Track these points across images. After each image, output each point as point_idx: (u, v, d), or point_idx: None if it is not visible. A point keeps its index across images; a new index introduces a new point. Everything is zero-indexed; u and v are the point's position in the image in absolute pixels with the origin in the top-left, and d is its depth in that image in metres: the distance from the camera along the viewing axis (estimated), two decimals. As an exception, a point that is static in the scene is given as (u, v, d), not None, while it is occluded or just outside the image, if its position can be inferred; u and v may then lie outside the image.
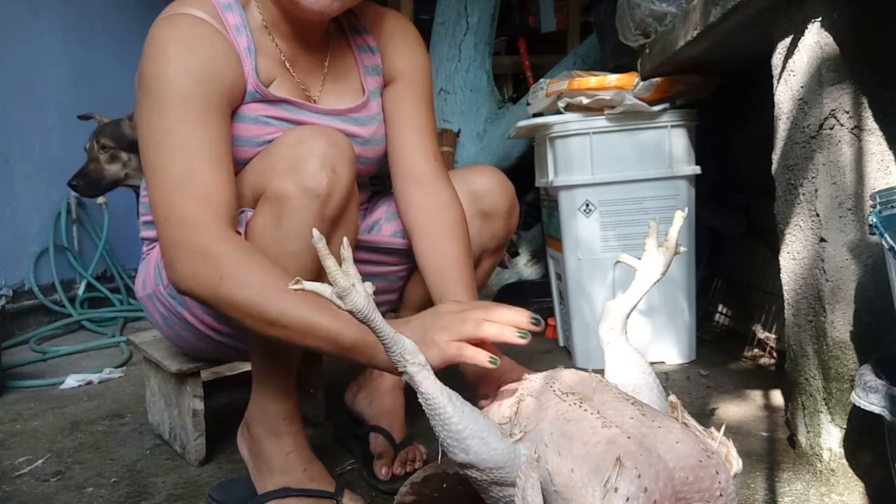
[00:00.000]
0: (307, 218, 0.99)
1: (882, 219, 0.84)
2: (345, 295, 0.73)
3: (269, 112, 1.10)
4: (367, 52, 1.23)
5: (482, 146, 2.83)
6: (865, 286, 1.03)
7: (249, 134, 1.09)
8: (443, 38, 2.85)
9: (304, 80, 1.16)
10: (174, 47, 1.01)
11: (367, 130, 1.20)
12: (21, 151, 2.81)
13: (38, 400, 1.88)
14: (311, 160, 0.98)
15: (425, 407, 0.78)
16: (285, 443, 1.12)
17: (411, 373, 0.78)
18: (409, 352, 0.78)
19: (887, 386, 0.84)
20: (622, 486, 0.70)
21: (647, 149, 1.78)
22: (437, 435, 0.79)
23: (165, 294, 1.20)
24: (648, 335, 1.84)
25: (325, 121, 1.15)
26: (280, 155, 1.01)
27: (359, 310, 0.74)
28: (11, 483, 1.33)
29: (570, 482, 0.73)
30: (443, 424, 0.78)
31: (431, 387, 0.79)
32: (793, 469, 1.17)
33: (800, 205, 1.11)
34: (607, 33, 2.08)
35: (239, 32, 1.08)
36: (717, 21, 1.23)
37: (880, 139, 1.02)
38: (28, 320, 2.77)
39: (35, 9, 2.88)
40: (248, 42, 1.08)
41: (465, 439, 0.77)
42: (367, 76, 1.22)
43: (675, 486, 0.71)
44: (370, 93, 1.21)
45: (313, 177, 0.98)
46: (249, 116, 1.09)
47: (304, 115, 1.13)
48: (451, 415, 0.78)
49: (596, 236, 1.81)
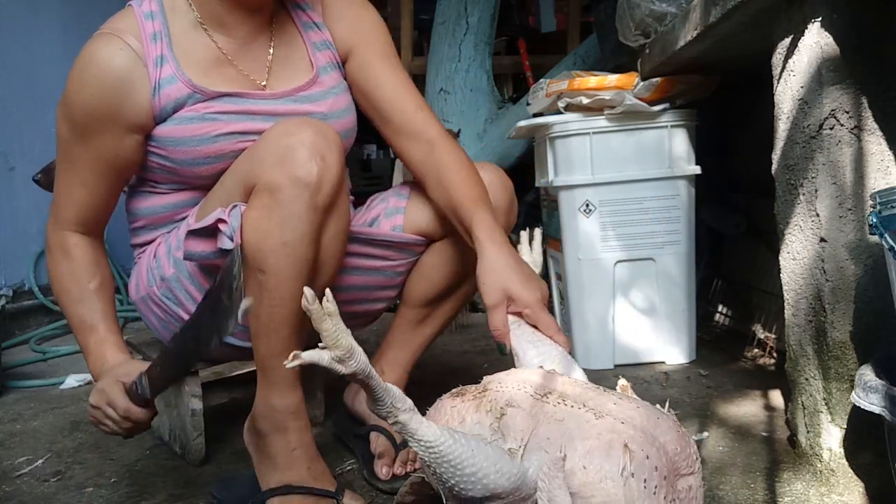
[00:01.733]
0: (300, 207, 1.01)
1: (882, 219, 0.84)
2: (347, 358, 0.71)
3: (213, 108, 1.14)
4: (314, 29, 1.25)
5: (482, 146, 2.83)
6: (865, 286, 1.03)
7: (199, 133, 1.13)
8: (443, 38, 2.85)
9: (249, 69, 1.19)
10: (77, 73, 1.14)
11: (323, 106, 1.21)
12: (21, 151, 2.81)
13: (38, 400, 1.88)
14: (300, 150, 1.01)
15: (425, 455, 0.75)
16: (291, 439, 1.11)
17: (403, 421, 0.75)
18: (399, 399, 0.75)
19: (887, 386, 0.84)
20: (637, 470, 0.74)
21: (647, 149, 1.78)
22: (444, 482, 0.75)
23: (160, 295, 1.21)
24: (648, 335, 1.84)
25: (274, 105, 1.18)
26: (268, 148, 1.03)
27: (362, 370, 0.72)
28: (11, 483, 1.33)
29: (586, 479, 0.75)
30: (454, 469, 0.74)
31: (430, 431, 0.75)
32: (793, 469, 1.17)
33: (800, 205, 1.11)
34: (607, 33, 2.08)
35: (155, 40, 1.14)
36: (717, 21, 1.23)
37: (880, 139, 1.02)
38: (28, 320, 2.77)
39: (35, 9, 2.88)
40: (163, 50, 1.14)
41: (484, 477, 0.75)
42: (316, 52, 1.24)
43: (671, 458, 0.77)
44: (319, 68, 1.23)
45: (303, 167, 1.00)
46: (195, 116, 1.14)
47: (250, 103, 1.16)
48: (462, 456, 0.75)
49: (596, 236, 1.81)
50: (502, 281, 1.05)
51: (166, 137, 1.14)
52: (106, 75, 1.11)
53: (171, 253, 1.19)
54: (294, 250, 1.02)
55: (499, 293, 1.04)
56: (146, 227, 1.26)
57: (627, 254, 1.82)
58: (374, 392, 0.74)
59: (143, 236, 1.28)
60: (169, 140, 1.14)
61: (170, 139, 1.14)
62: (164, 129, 1.14)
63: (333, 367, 0.71)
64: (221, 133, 1.14)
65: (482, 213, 1.12)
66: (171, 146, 1.14)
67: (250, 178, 1.05)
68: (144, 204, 1.25)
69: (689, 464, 0.80)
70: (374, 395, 0.75)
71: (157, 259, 1.22)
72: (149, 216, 1.25)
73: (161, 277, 1.19)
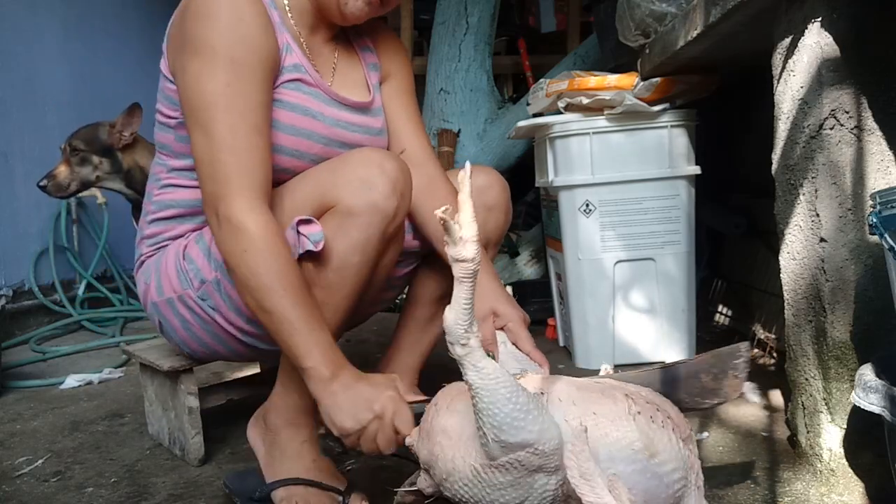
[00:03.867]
0: (374, 235, 1.08)
1: (882, 219, 0.84)
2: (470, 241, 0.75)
3: (313, 104, 1.18)
4: (369, 51, 1.33)
5: (482, 146, 2.83)
6: (865, 286, 1.03)
7: (298, 124, 1.16)
8: (443, 38, 2.85)
9: (319, 68, 1.23)
10: (223, 12, 1.06)
11: (379, 122, 1.30)
12: (21, 151, 2.81)
13: (38, 400, 1.88)
14: (385, 182, 1.07)
15: (482, 384, 0.77)
16: (302, 433, 1.15)
17: (473, 346, 0.78)
18: (476, 325, 0.79)
19: (887, 386, 0.84)
20: (643, 410, 0.83)
21: (647, 149, 1.78)
22: (492, 416, 0.77)
23: (196, 298, 1.18)
24: (648, 335, 1.84)
25: (350, 114, 1.23)
26: (355, 171, 1.08)
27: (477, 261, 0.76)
28: (11, 483, 1.33)
29: (598, 422, 0.81)
30: (508, 398, 0.77)
31: (492, 363, 0.79)
32: (793, 469, 1.17)
33: (800, 205, 1.11)
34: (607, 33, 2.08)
35: (272, 8, 1.16)
36: (717, 21, 1.23)
37: (880, 139, 1.02)
38: (28, 320, 2.77)
39: (35, 9, 2.88)
40: (278, 18, 1.15)
41: (531, 411, 0.77)
42: (370, 72, 1.32)
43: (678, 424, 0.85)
44: (374, 86, 1.31)
45: (387, 199, 1.07)
46: (298, 105, 1.16)
47: (336, 108, 1.21)
48: (517, 389, 0.78)
49: (596, 236, 1.81)
50: (488, 299, 1.12)
51: None
52: (258, 12, 1.10)
53: (212, 256, 1.15)
54: (358, 271, 1.09)
55: (485, 308, 1.11)
56: (176, 218, 1.23)
57: (627, 254, 1.82)
58: (466, 299, 0.77)
59: (166, 227, 1.24)
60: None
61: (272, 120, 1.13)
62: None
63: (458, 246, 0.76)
64: (316, 132, 1.18)
65: None
66: None
67: (329, 196, 1.08)
68: (183, 195, 1.22)
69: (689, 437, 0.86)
70: (463, 304, 0.77)
71: (191, 261, 1.18)
72: (185, 207, 1.22)
73: (201, 280, 1.16)
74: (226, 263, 1.05)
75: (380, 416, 0.95)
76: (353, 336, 2.18)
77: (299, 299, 0.99)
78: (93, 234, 3.16)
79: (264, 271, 0.99)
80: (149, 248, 1.27)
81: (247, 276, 1.00)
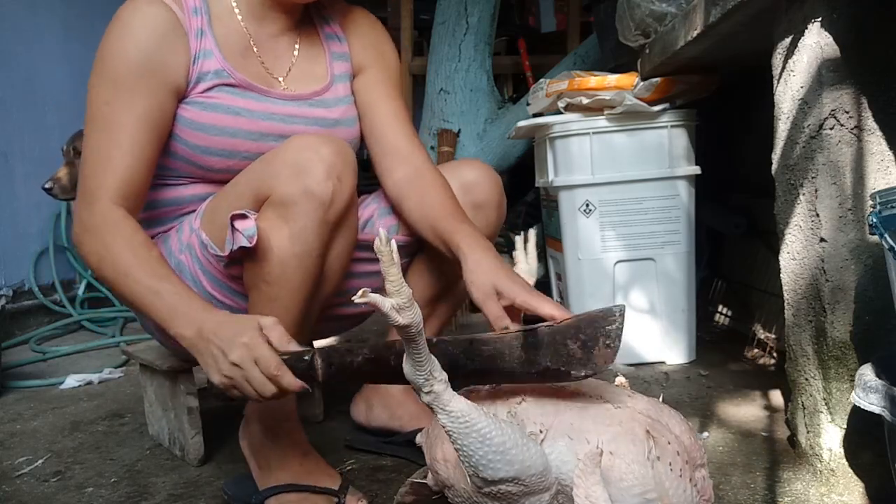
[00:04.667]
0: (311, 222, 1.03)
1: (882, 219, 0.84)
2: (406, 307, 0.71)
3: (238, 103, 1.16)
4: (335, 40, 1.30)
5: (482, 146, 2.83)
6: (865, 286, 1.03)
7: (220, 123, 1.15)
8: (443, 38, 2.85)
9: (271, 64, 1.22)
10: (117, 32, 1.10)
11: (336, 112, 1.26)
12: (21, 151, 2.81)
13: (38, 400, 1.88)
14: (317, 167, 1.03)
15: (453, 427, 0.76)
16: (282, 440, 1.14)
17: (438, 391, 0.76)
18: (437, 369, 0.76)
19: (887, 386, 0.84)
20: (662, 454, 0.79)
21: (647, 149, 1.78)
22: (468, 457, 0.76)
23: None
24: (648, 335, 1.84)
25: (291, 107, 1.21)
26: (287, 160, 1.04)
27: (416, 324, 0.72)
28: (11, 483, 1.33)
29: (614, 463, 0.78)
30: (481, 441, 0.75)
31: (461, 404, 0.77)
32: (793, 469, 1.17)
33: (800, 205, 1.11)
34: (607, 33, 2.08)
35: (196, 14, 1.15)
36: (717, 21, 1.23)
37: (880, 139, 1.02)
38: (28, 320, 2.77)
39: (35, 9, 2.88)
40: (202, 24, 1.15)
41: (509, 451, 0.75)
42: (335, 61, 1.28)
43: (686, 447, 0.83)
44: (335, 76, 1.27)
45: (320, 184, 1.03)
46: (220, 105, 1.15)
47: (269, 102, 1.19)
48: (491, 429, 0.76)
49: (596, 236, 1.81)
50: (489, 277, 1.03)
51: (189, 119, 1.14)
52: (152, 29, 1.10)
53: (172, 255, 1.17)
54: (302, 262, 1.04)
55: (488, 286, 1.03)
56: (147, 221, 1.24)
57: (627, 254, 1.82)
58: (417, 354, 0.75)
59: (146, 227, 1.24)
60: (190, 122, 1.14)
61: (191, 122, 1.14)
62: (189, 110, 1.14)
63: (391, 315, 0.70)
64: (242, 129, 1.16)
65: (467, 226, 1.12)
66: (189, 129, 1.14)
67: (264, 187, 1.05)
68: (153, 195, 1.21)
69: (700, 455, 0.85)
70: (416, 358, 0.75)
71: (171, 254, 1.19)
72: (152, 209, 1.22)
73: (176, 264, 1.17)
74: (88, 265, 1.07)
75: (238, 365, 0.91)
76: (353, 336, 2.18)
77: (142, 273, 1.00)
78: (93, 234, 3.16)
79: (113, 261, 1.01)
80: None
81: (96, 268, 1.04)
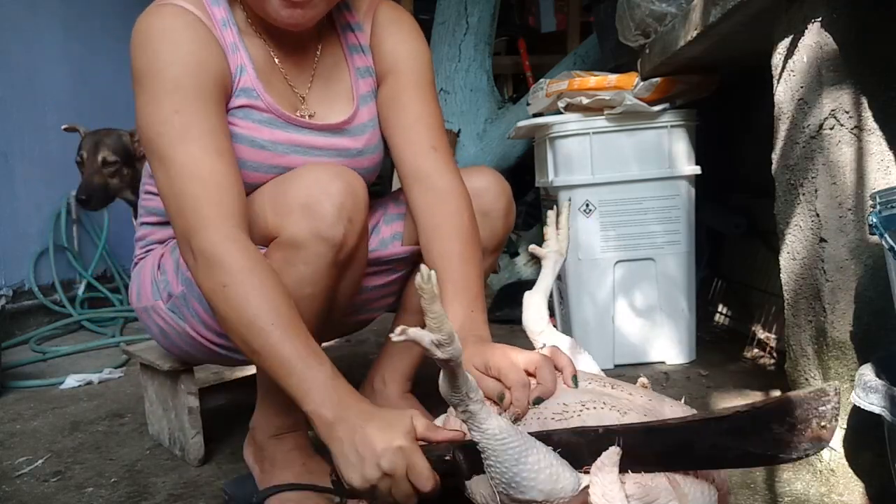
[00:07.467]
0: (321, 266, 1.01)
1: (882, 219, 0.84)
2: (446, 344, 0.69)
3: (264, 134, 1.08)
4: (359, 53, 1.20)
5: (482, 146, 2.83)
6: (865, 286, 1.03)
7: (247, 157, 1.08)
8: (443, 38, 2.85)
9: (294, 78, 1.15)
10: (162, 38, 1.00)
11: (360, 141, 1.19)
12: (21, 151, 2.81)
13: (38, 400, 1.88)
14: (328, 209, 0.98)
15: (488, 445, 0.75)
16: (287, 442, 1.15)
17: (473, 410, 0.75)
18: (473, 389, 0.75)
19: (887, 386, 0.84)
20: None
21: (647, 149, 1.78)
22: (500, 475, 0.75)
23: (166, 310, 1.19)
24: (648, 335, 1.84)
25: (317, 137, 1.14)
26: (297, 196, 1.00)
27: (455, 358, 0.71)
28: (11, 483, 1.33)
29: None
30: (515, 462, 0.74)
31: (497, 423, 0.75)
32: (793, 469, 1.17)
33: (800, 205, 1.11)
34: (607, 33, 2.08)
35: (225, 27, 1.07)
36: (717, 21, 1.23)
37: (880, 139, 1.02)
38: (28, 320, 2.77)
39: (35, 9, 2.88)
40: (234, 37, 1.08)
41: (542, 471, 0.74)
42: (359, 79, 1.20)
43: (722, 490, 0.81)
44: (360, 98, 1.19)
45: (330, 228, 0.99)
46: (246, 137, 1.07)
47: (294, 132, 1.12)
48: (523, 451, 0.74)
49: (596, 236, 1.81)
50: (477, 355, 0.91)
51: None
52: (194, 33, 1.02)
53: (179, 270, 1.15)
54: (312, 303, 1.03)
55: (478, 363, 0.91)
56: (157, 224, 1.25)
57: (627, 254, 1.82)
58: (456, 379, 0.73)
59: (151, 230, 1.27)
60: None
61: None
62: None
63: (431, 350, 0.69)
64: (264, 164, 1.09)
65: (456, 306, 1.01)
66: None
67: (272, 223, 1.01)
68: (158, 204, 1.19)
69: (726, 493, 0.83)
70: (454, 382, 0.74)
71: (164, 272, 1.19)
72: (163, 214, 1.21)
73: (169, 294, 1.17)
74: (208, 303, 0.95)
75: (389, 474, 0.79)
76: (353, 336, 2.18)
77: (290, 334, 0.88)
78: (93, 234, 3.16)
79: (247, 307, 0.88)
80: (140, 250, 1.30)
81: (229, 313, 0.90)
